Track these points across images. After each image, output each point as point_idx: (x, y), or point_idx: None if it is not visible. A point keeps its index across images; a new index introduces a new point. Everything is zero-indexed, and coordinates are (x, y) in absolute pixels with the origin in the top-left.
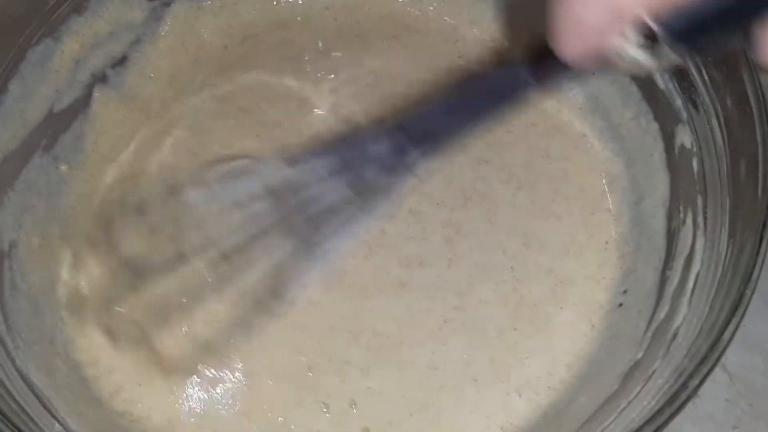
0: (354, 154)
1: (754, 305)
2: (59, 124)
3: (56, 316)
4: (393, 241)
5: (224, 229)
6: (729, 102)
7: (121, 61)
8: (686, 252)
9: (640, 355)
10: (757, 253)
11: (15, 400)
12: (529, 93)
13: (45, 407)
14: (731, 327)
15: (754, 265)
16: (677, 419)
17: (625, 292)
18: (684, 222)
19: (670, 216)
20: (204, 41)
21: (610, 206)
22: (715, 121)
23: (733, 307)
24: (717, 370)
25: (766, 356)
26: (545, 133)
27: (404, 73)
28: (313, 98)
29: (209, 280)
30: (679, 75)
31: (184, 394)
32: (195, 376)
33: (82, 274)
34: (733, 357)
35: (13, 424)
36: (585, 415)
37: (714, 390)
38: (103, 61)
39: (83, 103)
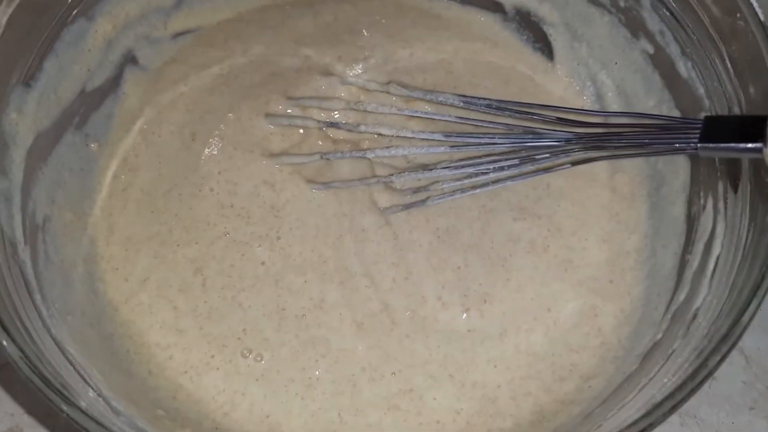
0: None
1: None
2: (91, 102)
3: (88, 289)
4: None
5: None
6: (752, 90)
7: (151, 43)
8: (706, 237)
9: (659, 336)
10: None
11: (52, 366)
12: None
13: (79, 374)
14: (752, 307)
15: None
16: (694, 400)
17: (645, 276)
18: (704, 207)
19: (691, 202)
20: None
21: (631, 193)
22: (737, 109)
23: (754, 288)
24: (734, 352)
25: None
26: None
27: None
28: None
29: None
30: (702, 64)
31: (215, 357)
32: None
33: (110, 247)
34: (749, 340)
35: (54, 390)
36: (606, 393)
37: (731, 372)
38: (134, 42)
39: (114, 83)
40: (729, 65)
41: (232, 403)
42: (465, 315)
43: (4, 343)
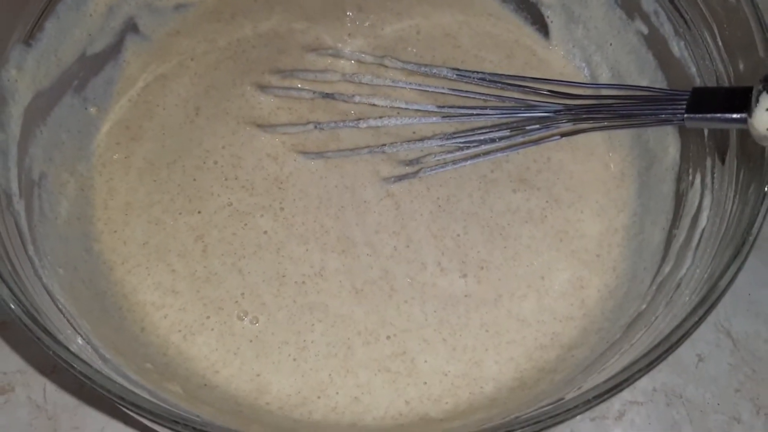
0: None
1: (760, 274)
2: (91, 67)
3: (82, 248)
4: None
5: None
6: (741, 66)
7: (153, 12)
8: (693, 211)
9: (644, 307)
10: (761, 203)
11: (43, 311)
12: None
13: (69, 322)
14: (730, 272)
15: (757, 214)
16: (681, 380)
17: (632, 252)
18: (692, 183)
19: (679, 179)
20: None
21: (621, 172)
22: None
23: (733, 254)
24: (722, 336)
25: None
26: None
27: None
28: None
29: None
30: (694, 43)
31: (210, 318)
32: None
33: (108, 211)
34: (737, 324)
35: (44, 329)
36: (588, 361)
37: (718, 354)
38: (135, 10)
39: (115, 49)
40: (720, 43)
41: (223, 361)
42: (463, 281)
43: None
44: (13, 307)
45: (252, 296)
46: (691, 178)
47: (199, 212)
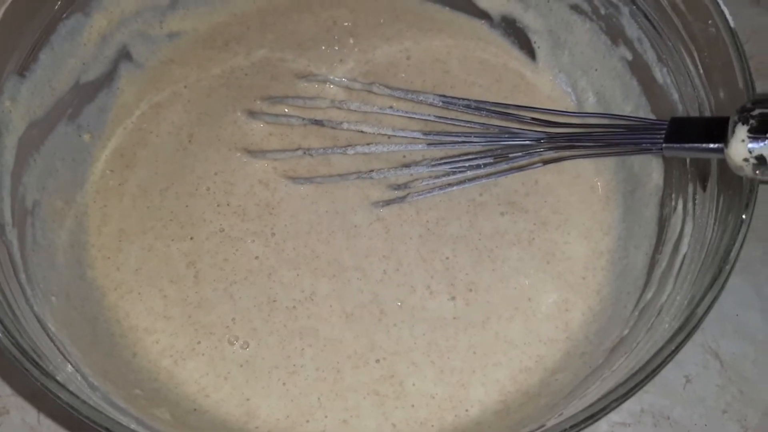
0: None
1: (747, 296)
2: (85, 95)
3: (75, 274)
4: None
5: None
6: (721, 94)
7: (146, 41)
8: (675, 237)
9: (626, 332)
10: (738, 232)
11: (32, 340)
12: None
13: (59, 350)
14: (707, 300)
15: (734, 243)
16: (668, 402)
17: (616, 276)
18: (675, 209)
19: (663, 204)
20: (223, 21)
21: (606, 196)
22: (708, 113)
23: (711, 282)
24: (709, 357)
25: (758, 345)
26: None
27: None
28: None
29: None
30: (677, 70)
31: (201, 344)
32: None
33: (102, 237)
34: (725, 345)
35: (31, 361)
36: (572, 386)
37: (706, 376)
38: (129, 39)
39: (108, 77)
40: (701, 71)
41: (214, 386)
42: (451, 303)
43: None
44: (2, 339)
45: (243, 321)
46: (674, 203)
47: (191, 238)
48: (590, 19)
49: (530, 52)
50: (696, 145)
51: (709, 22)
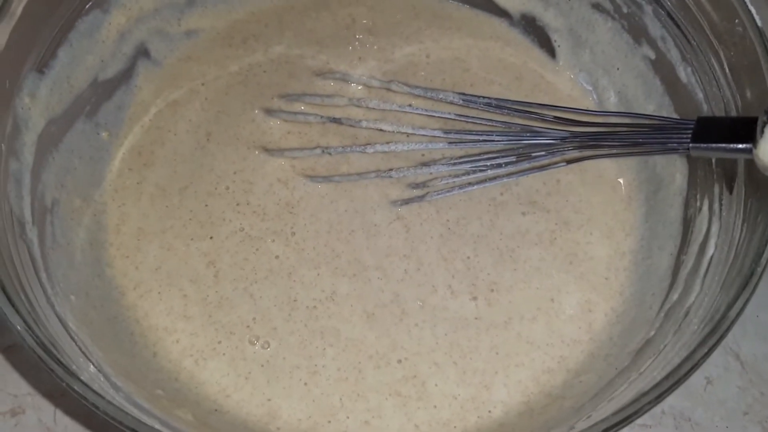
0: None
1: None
2: (103, 92)
3: (94, 273)
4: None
5: None
6: (748, 94)
7: (164, 38)
8: (701, 238)
9: (652, 334)
10: None
11: (55, 340)
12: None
13: (81, 350)
14: (739, 302)
15: (766, 244)
16: (689, 404)
17: (639, 277)
18: (700, 210)
19: (687, 204)
20: (241, 19)
21: (629, 196)
22: (734, 113)
23: (742, 284)
24: (730, 358)
25: None
26: None
27: None
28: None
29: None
30: (701, 69)
31: (221, 343)
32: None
33: (121, 236)
34: (746, 347)
35: (56, 360)
36: (597, 388)
37: (727, 377)
38: (147, 36)
39: (126, 74)
40: (727, 70)
41: (235, 386)
42: (473, 303)
43: (8, 314)
44: (25, 338)
45: (263, 321)
46: (698, 204)
47: (211, 238)
48: (612, 18)
49: (550, 51)
50: (723, 145)
51: (736, 21)
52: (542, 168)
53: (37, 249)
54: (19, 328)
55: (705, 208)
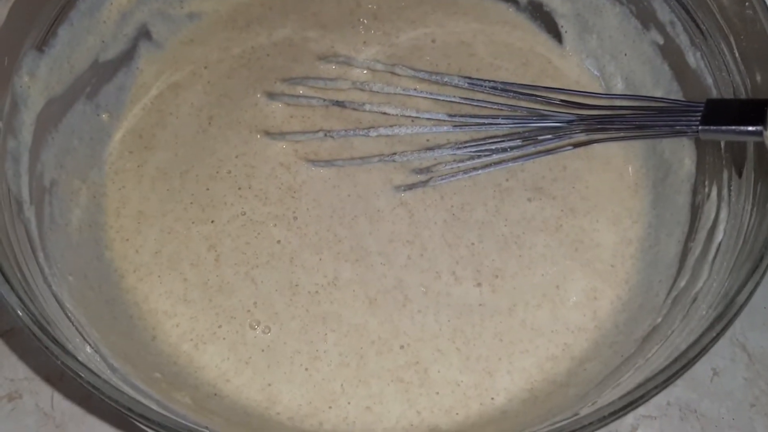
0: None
1: None
2: (103, 74)
3: (92, 255)
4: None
5: None
6: (758, 78)
7: (166, 20)
8: (709, 224)
9: (659, 321)
10: None
11: (52, 320)
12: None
13: (78, 331)
14: (748, 287)
15: None
16: (695, 395)
17: (646, 265)
18: (708, 196)
19: (695, 190)
20: (245, 2)
21: (635, 183)
22: (744, 98)
23: (752, 269)
24: (737, 350)
25: None
26: None
27: None
28: None
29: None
30: (711, 54)
31: (222, 328)
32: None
33: (120, 219)
34: (753, 338)
35: (52, 339)
36: (602, 375)
37: (734, 369)
38: (149, 17)
39: (128, 56)
40: (737, 54)
41: (234, 370)
42: (477, 290)
43: (4, 292)
44: (21, 315)
45: (264, 306)
46: (707, 190)
47: (212, 221)
48: (620, 3)
49: (557, 36)
50: (733, 127)
51: (746, 4)
52: (548, 152)
53: (34, 229)
54: (15, 306)
55: (714, 194)
